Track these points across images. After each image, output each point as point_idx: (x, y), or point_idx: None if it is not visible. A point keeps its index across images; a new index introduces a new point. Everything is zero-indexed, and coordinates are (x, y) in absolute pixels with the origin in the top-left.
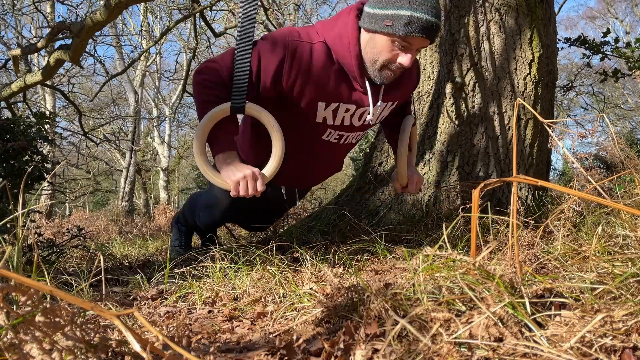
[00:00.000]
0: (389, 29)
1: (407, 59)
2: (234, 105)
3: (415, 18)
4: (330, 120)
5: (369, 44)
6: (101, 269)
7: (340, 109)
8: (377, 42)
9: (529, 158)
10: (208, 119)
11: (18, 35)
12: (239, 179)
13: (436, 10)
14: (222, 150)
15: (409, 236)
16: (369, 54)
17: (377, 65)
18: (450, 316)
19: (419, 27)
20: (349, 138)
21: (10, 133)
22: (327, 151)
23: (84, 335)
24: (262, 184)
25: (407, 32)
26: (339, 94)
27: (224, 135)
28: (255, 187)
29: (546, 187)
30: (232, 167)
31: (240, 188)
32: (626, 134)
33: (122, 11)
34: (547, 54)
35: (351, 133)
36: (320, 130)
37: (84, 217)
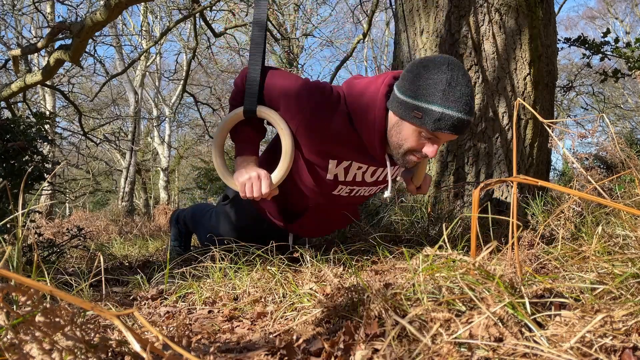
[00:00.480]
0: (417, 121)
1: (433, 150)
2: (245, 108)
3: (447, 115)
4: (341, 176)
5: (394, 128)
6: (101, 269)
7: (353, 166)
8: (403, 129)
9: (529, 158)
10: (223, 123)
11: (18, 35)
12: (245, 180)
13: (469, 107)
14: (239, 155)
15: (408, 236)
16: (394, 138)
17: (401, 150)
18: (450, 316)
19: (449, 125)
20: (360, 192)
21: (10, 133)
22: (337, 205)
23: (84, 335)
24: (268, 186)
25: (437, 129)
26: (352, 155)
27: (241, 140)
28: (260, 187)
29: (546, 187)
30: (242, 170)
31: (247, 189)
32: (626, 134)
33: (122, 11)
34: (547, 54)
35: (362, 187)
36: (331, 187)
37: (84, 217)
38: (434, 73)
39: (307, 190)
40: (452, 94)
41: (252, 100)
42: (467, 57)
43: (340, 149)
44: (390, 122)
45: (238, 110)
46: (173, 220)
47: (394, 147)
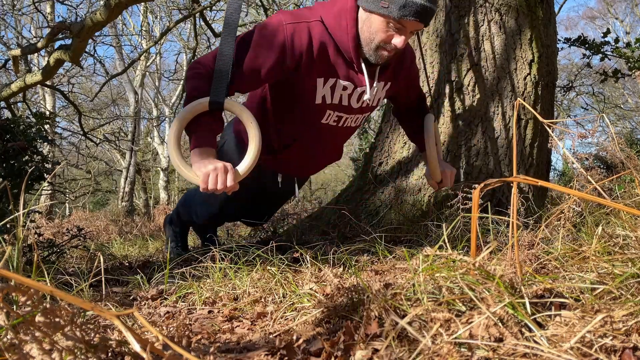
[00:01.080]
0: (384, 10)
1: (400, 40)
2: (212, 100)
3: (410, 2)
4: (328, 98)
5: (365, 24)
6: (101, 269)
7: (338, 86)
8: (373, 22)
9: (529, 158)
10: (185, 112)
11: (18, 36)
12: (209, 171)
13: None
14: (198, 146)
15: (409, 236)
16: (366, 33)
17: (373, 45)
18: (450, 316)
19: (413, 11)
20: (347, 120)
21: (10, 133)
22: (326, 135)
23: (84, 335)
24: (233, 179)
25: (402, 15)
26: (336, 70)
27: (202, 131)
28: (225, 180)
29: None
30: (205, 161)
31: (210, 181)
32: (626, 134)
33: (122, 11)
34: (547, 54)
35: (350, 115)
36: (319, 113)
37: (84, 217)
38: None
39: (296, 120)
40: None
41: (220, 92)
42: (466, 57)
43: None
44: (360, 20)
45: (203, 100)
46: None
47: (365, 44)
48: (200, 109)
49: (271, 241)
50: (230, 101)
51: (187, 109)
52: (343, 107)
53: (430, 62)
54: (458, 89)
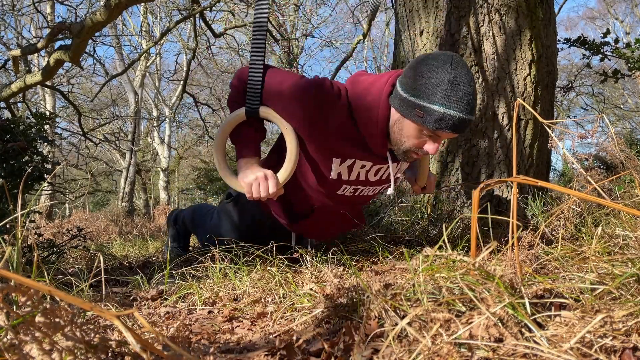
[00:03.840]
0: (419, 119)
1: (433, 148)
2: (247, 109)
3: (448, 115)
4: (345, 175)
5: (396, 125)
6: (101, 270)
7: (356, 164)
8: (404, 126)
9: (529, 158)
10: (225, 124)
11: (18, 36)
12: (251, 181)
13: (471, 107)
14: (242, 157)
15: (408, 237)
16: (396, 135)
17: (403, 147)
18: (450, 317)
19: (450, 125)
20: (364, 191)
21: (10, 133)
22: (342, 205)
23: (83, 335)
24: (275, 185)
25: (438, 128)
26: (355, 153)
27: (243, 142)
28: (267, 187)
29: (546, 187)
30: (248, 171)
31: (253, 189)
32: (626, 135)
33: (122, 12)
34: (547, 54)
35: (366, 187)
36: (335, 185)
37: (84, 218)
38: (436, 72)
39: (311, 190)
40: (454, 93)
41: (255, 101)
42: (467, 58)
43: (343, 145)
44: (392, 118)
45: (240, 111)
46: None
47: (395, 144)
48: (238, 119)
49: (271, 241)
50: (266, 108)
51: (226, 122)
52: (360, 182)
53: None
54: None
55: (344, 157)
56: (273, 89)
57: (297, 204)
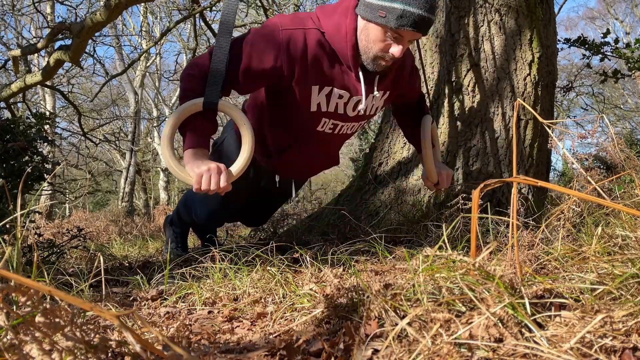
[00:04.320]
0: (382, 20)
1: (398, 50)
2: (206, 100)
3: (408, 12)
4: (324, 106)
5: (363, 32)
6: (101, 270)
7: (334, 94)
8: (370, 32)
9: (529, 158)
10: (179, 112)
11: (18, 36)
12: (203, 171)
13: (430, 5)
14: (192, 147)
15: (409, 237)
16: (364, 42)
17: (371, 54)
18: (450, 317)
19: (410, 21)
20: (343, 128)
21: (10, 133)
22: (322, 142)
23: (83, 335)
24: (227, 180)
25: (399, 25)
26: (332, 78)
27: (196, 132)
28: (218, 181)
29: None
30: (198, 161)
31: (203, 181)
32: (626, 135)
33: (122, 12)
34: (547, 54)
35: (345, 123)
36: (315, 120)
37: (84, 218)
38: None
39: (292, 126)
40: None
41: (215, 92)
42: (466, 58)
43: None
44: (359, 28)
45: (197, 101)
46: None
47: (363, 53)
48: (194, 109)
49: (271, 241)
50: (223, 102)
51: (180, 110)
52: (339, 116)
53: (430, 63)
54: (458, 90)
55: (322, 83)
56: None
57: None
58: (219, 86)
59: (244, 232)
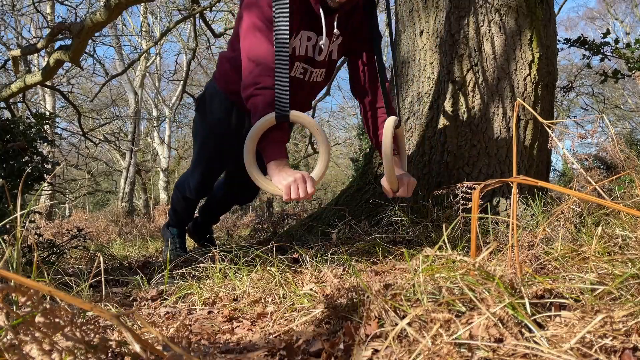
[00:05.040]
0: None
1: None
2: (278, 114)
3: None
4: (297, 50)
5: None
6: (101, 270)
7: (303, 37)
8: None
9: (529, 159)
10: (257, 129)
11: (18, 36)
12: (290, 182)
13: None
14: (274, 159)
15: (408, 237)
16: None
17: None
18: (450, 317)
19: None
20: (313, 75)
21: (10, 134)
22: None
23: (83, 336)
24: (312, 185)
25: None
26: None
27: (273, 144)
28: (305, 189)
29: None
30: (283, 173)
31: (292, 191)
32: (626, 135)
33: (122, 12)
34: (547, 54)
35: (315, 69)
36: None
37: (84, 218)
38: None
39: None
40: None
41: (285, 106)
42: (466, 58)
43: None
44: None
45: (268, 117)
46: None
47: None
48: (267, 125)
49: (271, 241)
50: (295, 112)
51: (257, 126)
52: (309, 60)
53: (430, 63)
54: (458, 90)
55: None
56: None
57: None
58: (287, 99)
59: (244, 232)
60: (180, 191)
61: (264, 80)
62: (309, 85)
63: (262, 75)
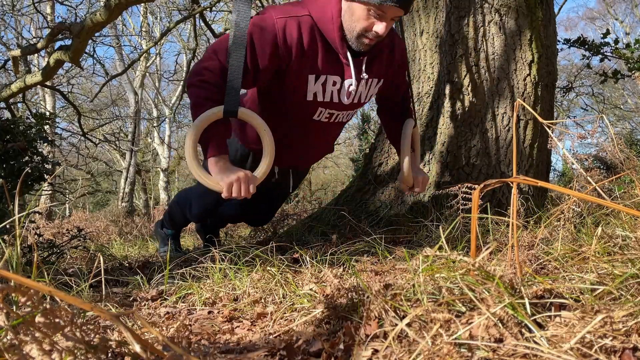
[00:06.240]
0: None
1: (382, 27)
2: (227, 109)
3: None
4: (320, 96)
5: (347, 12)
6: (101, 270)
7: (328, 82)
8: (354, 10)
9: (529, 159)
10: (200, 122)
11: (18, 36)
12: (232, 180)
13: None
14: (214, 154)
15: (409, 237)
16: (348, 22)
17: (355, 33)
18: (450, 317)
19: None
20: (339, 117)
21: (10, 134)
22: (318, 131)
23: (83, 336)
24: (254, 185)
25: (382, 1)
26: (326, 66)
27: (216, 139)
28: (247, 189)
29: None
30: (224, 169)
31: (233, 190)
32: (626, 135)
33: (122, 12)
34: (547, 54)
35: (341, 112)
36: (311, 110)
37: (84, 218)
38: None
39: (288, 119)
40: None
41: (235, 100)
42: (466, 58)
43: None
44: (343, 9)
45: (216, 110)
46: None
47: (348, 32)
48: (214, 118)
49: (271, 241)
50: (243, 110)
51: (202, 119)
52: (334, 104)
53: (430, 63)
54: (458, 90)
55: (318, 72)
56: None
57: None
58: (238, 93)
59: (244, 232)
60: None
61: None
62: (334, 126)
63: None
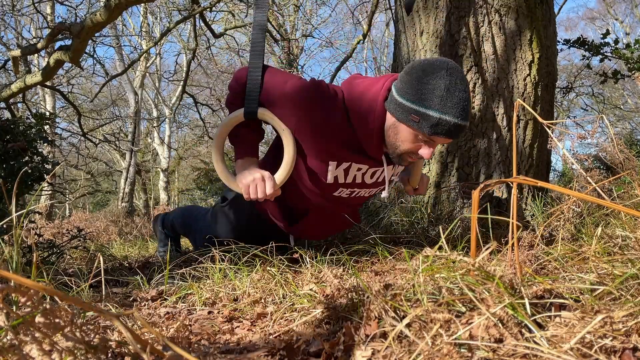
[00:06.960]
0: (415, 124)
1: (428, 152)
2: (246, 110)
3: (444, 121)
4: (341, 179)
5: (392, 128)
6: (101, 270)
7: (352, 168)
8: (400, 131)
9: (529, 159)
10: (223, 125)
11: (18, 36)
12: (249, 182)
13: (466, 113)
14: (240, 157)
15: (409, 237)
16: (391, 138)
17: (398, 151)
18: (450, 317)
19: (445, 130)
20: (360, 193)
21: (10, 134)
22: (338, 206)
23: (83, 336)
24: (272, 187)
25: (434, 133)
26: (351, 156)
27: (242, 142)
28: (264, 189)
29: (546, 188)
30: (245, 172)
31: (251, 190)
32: (626, 135)
33: (122, 12)
34: (547, 55)
35: (362, 189)
36: (331, 189)
37: (84, 218)
38: (432, 77)
39: (307, 192)
40: (450, 99)
41: (253, 102)
42: (466, 58)
43: (339, 148)
44: (387, 122)
45: (238, 112)
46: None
47: (390, 147)
48: (236, 120)
49: (270, 242)
50: (262, 111)
51: (224, 122)
52: (356, 184)
53: None
54: None
55: (340, 160)
56: (271, 90)
57: (293, 206)
58: (257, 96)
59: None
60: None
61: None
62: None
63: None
